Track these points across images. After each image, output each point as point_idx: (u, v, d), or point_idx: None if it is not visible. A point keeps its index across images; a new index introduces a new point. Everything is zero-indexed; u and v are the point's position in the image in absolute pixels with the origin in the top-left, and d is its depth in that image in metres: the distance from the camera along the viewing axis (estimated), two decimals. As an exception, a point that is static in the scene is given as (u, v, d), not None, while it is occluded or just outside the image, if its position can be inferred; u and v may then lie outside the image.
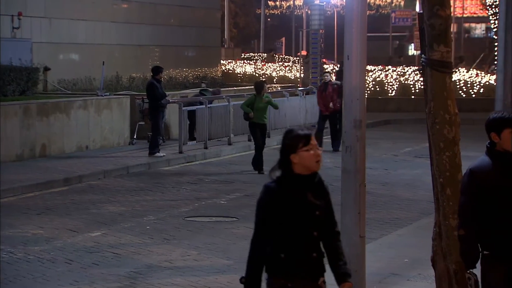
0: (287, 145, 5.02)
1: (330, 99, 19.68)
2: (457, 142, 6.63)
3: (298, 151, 4.96)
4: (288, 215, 4.92)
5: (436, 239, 6.57)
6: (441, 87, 6.48)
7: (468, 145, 18.40)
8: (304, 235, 4.96)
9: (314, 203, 4.98)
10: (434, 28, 6.35)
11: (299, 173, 4.97)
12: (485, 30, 68.65)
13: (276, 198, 4.95)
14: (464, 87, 31.70)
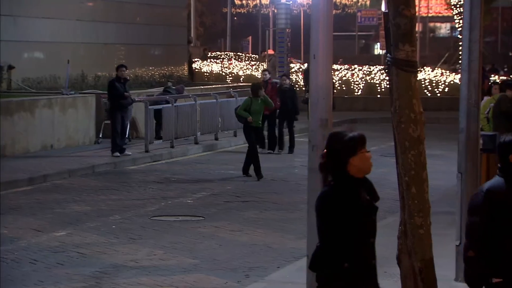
0: (344, 148, 4.78)
1: (270, 98, 18.94)
2: (422, 140, 6.66)
3: (358, 153, 4.78)
4: (351, 222, 4.70)
5: (401, 237, 6.59)
6: (406, 86, 6.51)
7: (433, 143, 18.61)
8: (365, 242, 4.77)
9: (371, 207, 4.82)
10: (399, 27, 6.38)
11: (355, 177, 4.79)
12: (450, 30, 69.18)
13: (338, 205, 4.71)
14: (429, 86, 31.95)
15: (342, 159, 4.75)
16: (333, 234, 4.69)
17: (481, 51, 8.47)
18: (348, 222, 4.68)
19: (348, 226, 4.68)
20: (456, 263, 8.43)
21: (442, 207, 11.55)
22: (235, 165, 17.55)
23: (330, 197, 4.73)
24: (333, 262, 4.70)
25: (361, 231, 4.73)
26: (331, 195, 4.73)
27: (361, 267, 4.73)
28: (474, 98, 8.41)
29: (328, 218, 4.70)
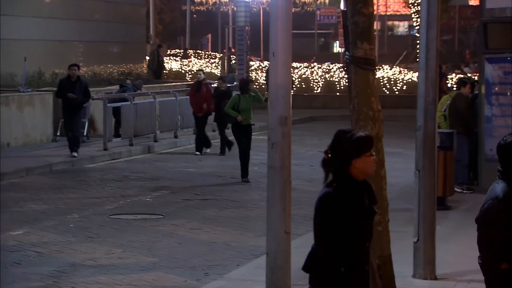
0: (349, 148, 4.59)
1: (204, 100, 18.36)
2: (380, 138, 6.72)
3: (363, 156, 4.59)
4: (350, 225, 4.56)
5: (360, 235, 6.64)
6: (364, 84, 6.56)
7: (391, 141, 18.74)
8: (361, 246, 4.63)
9: (370, 211, 4.68)
10: (357, 25, 6.42)
11: (357, 179, 4.63)
12: (408, 28, 69.75)
13: (340, 207, 4.56)
14: (388, 84, 32.17)
15: (345, 159, 4.58)
16: (332, 237, 4.55)
17: (438, 49, 8.54)
18: (348, 225, 4.54)
19: (348, 229, 4.55)
20: (414, 260, 8.50)
21: (400, 204, 11.63)
22: (195, 163, 17.50)
23: (332, 199, 4.58)
24: (330, 265, 4.58)
25: (359, 235, 4.61)
26: (334, 197, 4.58)
27: (356, 272, 4.60)
28: (431, 96, 8.48)
29: (329, 220, 4.56)
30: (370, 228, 4.68)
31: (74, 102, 17.10)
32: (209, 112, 18.53)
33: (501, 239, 4.91)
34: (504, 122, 13.49)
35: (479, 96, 13.93)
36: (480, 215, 5.09)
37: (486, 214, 5.04)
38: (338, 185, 4.58)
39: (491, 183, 14.87)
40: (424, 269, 8.43)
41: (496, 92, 13.58)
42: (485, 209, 5.05)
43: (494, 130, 13.60)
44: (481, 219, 5.08)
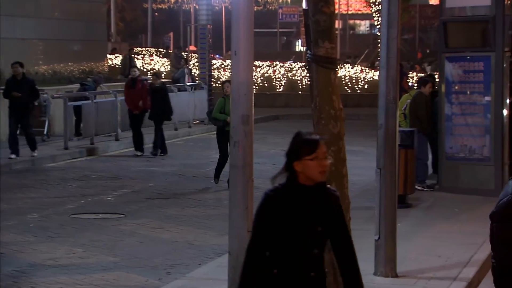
0: (291, 151, 4.53)
1: (139, 97, 17.73)
2: (342, 136, 6.74)
3: (303, 159, 4.47)
4: (285, 228, 4.47)
5: (322, 233, 6.66)
6: (326, 83, 6.58)
7: (353, 139, 18.83)
8: (302, 251, 4.48)
9: (316, 218, 4.49)
10: (319, 24, 6.44)
11: (303, 183, 4.49)
12: (369, 27, 70.16)
13: (275, 209, 4.48)
14: (350, 83, 32.34)
15: (288, 161, 4.52)
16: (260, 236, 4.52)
17: (399, 48, 8.60)
18: (280, 229, 4.47)
19: (280, 233, 4.48)
20: (375, 258, 8.55)
21: (362, 203, 11.69)
22: (156, 161, 17.43)
23: (268, 198, 4.53)
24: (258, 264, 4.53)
25: (298, 240, 4.46)
26: (270, 196, 4.52)
27: (292, 277, 4.48)
28: (392, 95, 8.53)
29: (260, 219, 4.53)
30: (317, 235, 4.48)
31: (21, 101, 16.66)
32: (146, 110, 17.98)
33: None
34: (463, 120, 13.63)
35: (439, 95, 14.05)
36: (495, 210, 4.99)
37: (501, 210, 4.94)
38: (282, 187, 4.51)
39: (452, 180, 15.11)
40: (385, 266, 8.48)
41: (456, 90, 13.71)
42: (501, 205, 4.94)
43: (454, 129, 13.74)
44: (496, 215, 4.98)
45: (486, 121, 13.42)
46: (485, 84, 13.44)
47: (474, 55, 13.53)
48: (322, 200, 4.51)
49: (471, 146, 13.56)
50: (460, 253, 9.45)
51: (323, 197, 4.52)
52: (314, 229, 4.48)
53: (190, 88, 24.19)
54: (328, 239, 4.56)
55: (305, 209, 4.47)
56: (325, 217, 4.51)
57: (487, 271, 9.25)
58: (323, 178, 4.49)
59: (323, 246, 4.55)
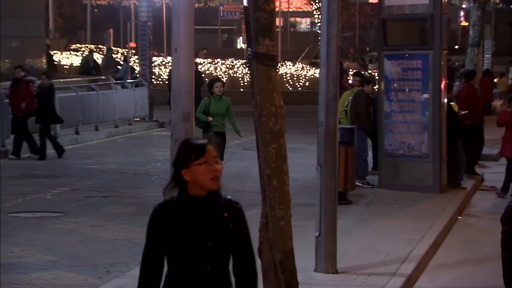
0: (178, 158, 4.15)
1: (22, 98, 16.60)
2: (282, 134, 6.75)
3: (191, 165, 4.10)
4: (176, 245, 4.11)
5: (262, 230, 6.67)
6: (267, 80, 6.58)
7: (294, 137, 18.92)
8: (194, 269, 4.11)
9: (207, 232, 4.10)
10: (259, 21, 6.43)
11: (194, 194, 4.12)
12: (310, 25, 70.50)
13: (164, 224, 4.13)
14: (291, 81, 32.47)
15: (175, 171, 4.14)
16: (152, 253, 4.19)
17: (339, 46, 8.66)
18: (171, 246, 4.13)
19: (172, 250, 4.14)
20: (316, 254, 8.60)
21: (303, 199, 11.76)
22: (96, 159, 17.25)
23: (156, 213, 4.19)
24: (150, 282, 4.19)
25: (189, 258, 4.11)
26: (158, 211, 4.19)
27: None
28: (332, 92, 8.58)
29: (150, 235, 4.20)
30: (209, 251, 4.10)
31: None
32: (30, 112, 16.66)
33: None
34: (402, 118, 13.79)
35: (379, 93, 14.20)
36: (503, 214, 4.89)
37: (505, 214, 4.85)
38: (172, 200, 4.17)
39: (391, 177, 15.28)
40: (325, 263, 8.53)
41: (395, 88, 13.87)
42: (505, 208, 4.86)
43: (393, 126, 13.90)
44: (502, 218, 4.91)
45: (424, 119, 13.60)
46: (423, 81, 13.62)
47: (413, 53, 13.71)
48: (216, 212, 4.14)
49: (410, 143, 13.74)
50: (399, 249, 9.56)
51: (217, 208, 4.15)
52: (205, 244, 4.08)
53: (131, 85, 24.00)
54: (227, 255, 4.16)
55: (195, 223, 4.09)
56: (218, 231, 4.12)
57: (425, 266, 9.39)
58: (216, 185, 4.13)
59: (218, 263, 4.13)
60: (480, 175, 15.57)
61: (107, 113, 21.72)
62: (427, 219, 11.24)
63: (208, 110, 13.16)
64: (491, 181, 15.23)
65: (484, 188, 14.83)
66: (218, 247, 4.11)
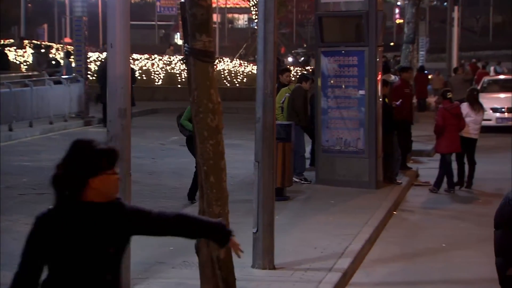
0: (85, 164, 3.86)
1: None
2: (220, 130, 6.75)
3: (100, 175, 3.86)
4: (69, 255, 3.87)
5: (200, 227, 6.65)
6: (204, 76, 6.57)
7: (232, 133, 18.92)
8: (93, 278, 3.90)
9: (107, 238, 3.92)
10: (195, 17, 6.41)
11: (91, 200, 3.90)
12: (247, 21, 70.57)
13: (51, 233, 3.87)
14: (229, 77, 32.45)
15: (79, 178, 3.86)
16: (31, 263, 3.94)
17: (276, 42, 8.68)
18: (61, 255, 3.88)
19: (63, 259, 3.89)
20: (253, 250, 8.61)
21: (241, 196, 11.77)
22: (31, 156, 16.98)
23: (41, 222, 3.90)
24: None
25: (84, 267, 3.88)
26: (44, 220, 3.90)
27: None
28: (269, 88, 8.60)
29: (32, 247, 3.92)
30: (108, 258, 3.92)
31: None
32: None
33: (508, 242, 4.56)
34: (339, 114, 13.90)
35: (316, 89, 14.29)
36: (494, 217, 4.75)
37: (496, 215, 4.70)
38: (62, 206, 3.90)
39: (328, 173, 15.34)
40: (263, 259, 8.55)
41: (331, 84, 13.97)
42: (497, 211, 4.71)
43: (330, 122, 14.00)
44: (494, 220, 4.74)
45: (360, 115, 13.74)
46: (359, 78, 13.75)
47: (349, 49, 13.82)
48: (115, 216, 3.96)
49: (346, 139, 13.86)
50: (336, 244, 9.64)
51: (115, 213, 3.97)
52: (106, 251, 3.90)
53: (66, 81, 23.68)
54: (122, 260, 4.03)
55: (93, 229, 3.88)
56: (119, 236, 3.96)
57: (361, 261, 9.49)
58: (118, 192, 3.98)
59: (117, 270, 3.97)
60: (413, 170, 15.79)
61: (42, 110, 21.38)
62: (363, 215, 11.35)
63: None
64: (425, 176, 15.46)
65: (419, 183, 15.05)
66: (120, 252, 3.96)
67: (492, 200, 13.55)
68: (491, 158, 17.82)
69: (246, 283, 7.90)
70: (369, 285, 8.69)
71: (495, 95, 24.53)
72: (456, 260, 9.68)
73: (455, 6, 32.12)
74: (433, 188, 14.19)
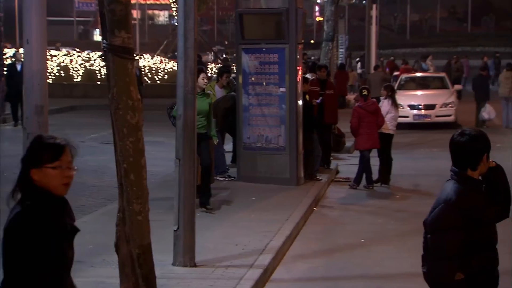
0: (30, 156, 3.86)
1: None
2: (140, 127, 6.69)
3: (43, 167, 3.83)
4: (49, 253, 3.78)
5: (119, 225, 6.60)
6: (123, 73, 6.49)
7: (153, 130, 18.80)
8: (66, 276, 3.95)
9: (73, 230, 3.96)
10: (114, 13, 6.33)
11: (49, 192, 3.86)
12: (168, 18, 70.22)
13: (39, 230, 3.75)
14: (150, 73, 32.23)
15: (24, 168, 3.85)
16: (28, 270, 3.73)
17: (197, 39, 8.65)
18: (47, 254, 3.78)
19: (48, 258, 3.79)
20: (174, 248, 8.58)
21: (162, 193, 11.71)
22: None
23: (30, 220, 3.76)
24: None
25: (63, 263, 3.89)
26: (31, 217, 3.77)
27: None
28: (190, 85, 8.57)
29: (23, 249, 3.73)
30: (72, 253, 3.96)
31: None
32: None
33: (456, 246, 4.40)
34: (260, 111, 13.96)
35: (237, 86, 14.30)
36: (430, 219, 4.50)
37: (438, 219, 4.46)
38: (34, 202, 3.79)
39: (250, 170, 15.31)
40: (183, 256, 8.53)
41: (252, 82, 14.01)
42: (437, 213, 4.48)
43: (251, 119, 14.04)
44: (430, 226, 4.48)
45: (281, 112, 13.82)
46: (280, 75, 13.82)
47: (269, 47, 13.88)
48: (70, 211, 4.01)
49: (268, 136, 13.92)
50: (257, 241, 9.68)
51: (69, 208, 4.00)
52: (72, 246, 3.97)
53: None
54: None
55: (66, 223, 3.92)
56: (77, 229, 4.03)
57: (282, 257, 9.55)
58: (65, 191, 3.90)
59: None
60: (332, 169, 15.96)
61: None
62: (284, 211, 11.43)
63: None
64: (345, 172, 15.66)
65: (339, 179, 15.22)
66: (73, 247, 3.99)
67: (409, 195, 13.82)
68: (408, 155, 18.17)
69: (167, 280, 7.87)
70: (290, 281, 8.75)
71: (412, 92, 24.99)
72: (375, 255, 9.83)
73: (373, 4, 32.62)
74: (352, 184, 14.37)
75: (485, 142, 4.57)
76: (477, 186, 4.58)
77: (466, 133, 4.58)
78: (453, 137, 4.61)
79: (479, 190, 4.59)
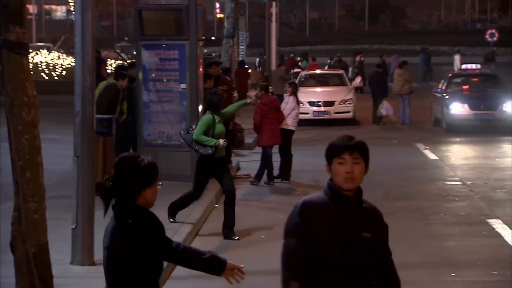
0: (141, 177, 4.25)
1: None
2: (36, 124, 6.57)
3: (153, 185, 4.30)
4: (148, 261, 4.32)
5: (15, 224, 6.46)
6: (18, 69, 6.37)
7: (51, 127, 18.44)
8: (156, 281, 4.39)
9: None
10: (9, 8, 6.21)
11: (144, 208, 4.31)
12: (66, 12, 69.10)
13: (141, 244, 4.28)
14: (47, 69, 31.63)
15: (135, 189, 4.22)
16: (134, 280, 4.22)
17: (95, 35, 8.54)
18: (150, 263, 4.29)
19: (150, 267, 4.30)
20: (72, 247, 8.46)
21: (59, 191, 11.51)
22: None
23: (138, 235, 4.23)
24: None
25: (160, 270, 4.38)
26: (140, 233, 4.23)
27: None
28: (88, 81, 8.46)
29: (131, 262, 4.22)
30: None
31: None
32: None
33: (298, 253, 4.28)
34: (161, 107, 13.89)
35: (137, 83, 14.18)
36: (288, 226, 4.29)
37: (285, 226, 4.28)
38: (132, 219, 4.24)
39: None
40: (82, 255, 8.41)
41: (153, 78, 13.92)
42: (287, 220, 4.25)
43: (151, 116, 13.95)
44: (291, 231, 4.25)
45: (182, 108, 13.79)
46: (181, 72, 13.79)
47: (169, 43, 13.83)
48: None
49: (169, 133, 13.87)
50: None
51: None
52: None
53: None
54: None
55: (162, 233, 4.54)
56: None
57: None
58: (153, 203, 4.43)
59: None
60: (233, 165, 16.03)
61: None
62: (184, 208, 11.39)
63: (213, 130, 10.18)
64: (247, 169, 15.74)
65: (240, 176, 15.29)
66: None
67: (309, 191, 13.99)
68: (308, 151, 18.40)
69: (65, 280, 7.74)
70: (190, 277, 8.74)
71: (312, 89, 25.32)
72: (276, 251, 9.90)
73: (273, 1, 32.88)
74: (253, 181, 14.46)
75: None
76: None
77: None
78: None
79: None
